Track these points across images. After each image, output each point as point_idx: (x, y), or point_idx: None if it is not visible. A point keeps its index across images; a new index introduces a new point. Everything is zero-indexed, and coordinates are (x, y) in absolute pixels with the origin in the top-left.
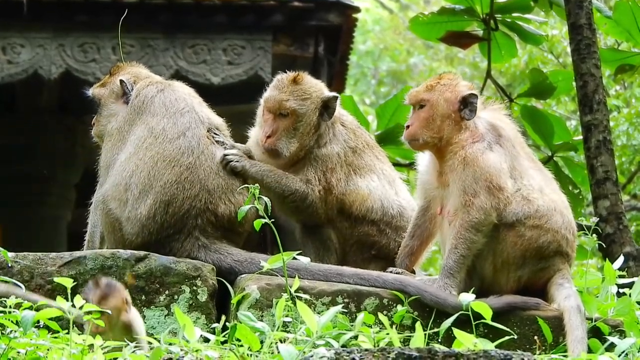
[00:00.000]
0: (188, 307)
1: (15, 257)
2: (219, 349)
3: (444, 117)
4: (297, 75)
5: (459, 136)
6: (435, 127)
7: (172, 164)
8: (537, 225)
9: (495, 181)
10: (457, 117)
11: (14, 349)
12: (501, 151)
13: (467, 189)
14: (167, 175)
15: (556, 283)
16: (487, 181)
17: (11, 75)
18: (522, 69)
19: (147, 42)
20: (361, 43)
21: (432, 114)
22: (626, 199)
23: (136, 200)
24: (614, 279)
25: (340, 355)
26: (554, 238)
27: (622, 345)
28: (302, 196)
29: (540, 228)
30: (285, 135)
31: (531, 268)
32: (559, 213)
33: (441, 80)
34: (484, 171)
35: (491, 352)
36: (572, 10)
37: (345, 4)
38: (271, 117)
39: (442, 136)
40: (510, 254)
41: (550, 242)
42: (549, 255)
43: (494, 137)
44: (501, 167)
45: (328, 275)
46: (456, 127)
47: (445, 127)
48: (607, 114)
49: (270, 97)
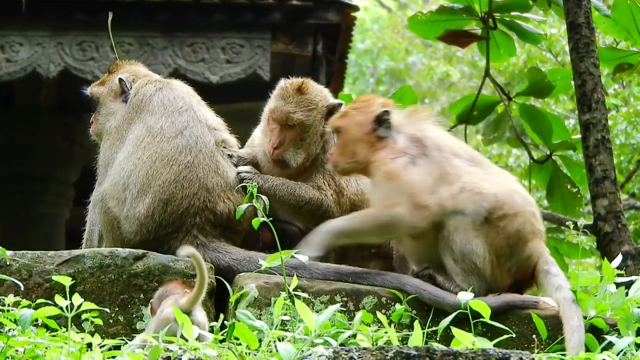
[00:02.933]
0: None
1: (14, 255)
2: (218, 347)
3: (356, 141)
4: (302, 84)
5: (377, 155)
6: (349, 152)
7: (171, 163)
8: (505, 214)
9: (418, 198)
10: (371, 137)
11: (13, 348)
12: (427, 163)
13: (390, 197)
14: (166, 174)
15: (543, 271)
16: (411, 196)
17: (10, 74)
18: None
19: (146, 40)
20: (360, 42)
21: (346, 139)
22: (625, 197)
23: (134, 199)
24: (612, 278)
25: (339, 354)
26: (525, 218)
27: (620, 344)
28: (317, 203)
29: (509, 215)
30: (293, 145)
31: (517, 258)
32: (515, 192)
33: (354, 105)
34: (407, 186)
35: (489, 351)
36: (570, 9)
37: (344, 2)
38: (278, 128)
39: (359, 159)
40: (498, 247)
41: (524, 223)
42: (529, 238)
43: (417, 149)
44: (425, 181)
45: (326, 274)
46: (372, 147)
47: (359, 150)
48: (605, 112)
49: (277, 109)
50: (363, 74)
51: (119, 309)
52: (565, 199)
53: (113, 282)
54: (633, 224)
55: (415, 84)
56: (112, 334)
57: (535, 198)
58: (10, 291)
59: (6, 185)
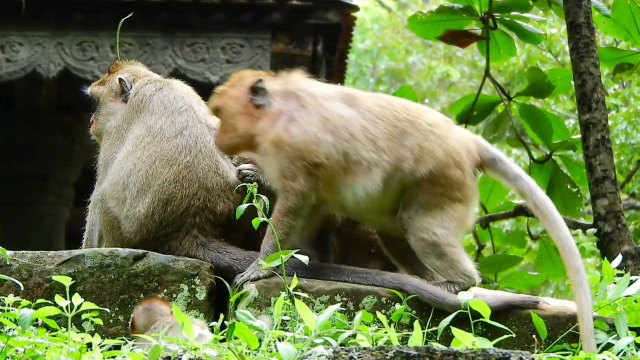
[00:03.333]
0: (186, 306)
1: (14, 255)
2: (218, 347)
3: (235, 115)
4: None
5: (258, 126)
6: (230, 128)
7: (170, 163)
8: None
9: (309, 158)
10: (250, 108)
11: (13, 348)
12: (305, 114)
13: (285, 172)
14: (165, 174)
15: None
16: (302, 160)
17: (10, 74)
18: (521, 67)
19: (146, 40)
20: (360, 42)
21: (225, 116)
22: (625, 197)
23: (134, 198)
24: (612, 278)
25: (339, 354)
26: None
27: (620, 344)
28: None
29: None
30: None
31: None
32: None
33: (229, 82)
34: (295, 149)
35: (489, 351)
36: (570, 9)
37: (344, 2)
38: None
39: (241, 133)
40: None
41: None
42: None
43: (293, 104)
44: (310, 136)
45: (326, 274)
46: (252, 118)
47: (240, 123)
48: (605, 112)
49: None
50: (363, 74)
51: (119, 309)
52: (565, 199)
53: (113, 282)
54: (633, 224)
55: (415, 84)
56: (112, 334)
57: None
58: (10, 291)
59: (6, 185)
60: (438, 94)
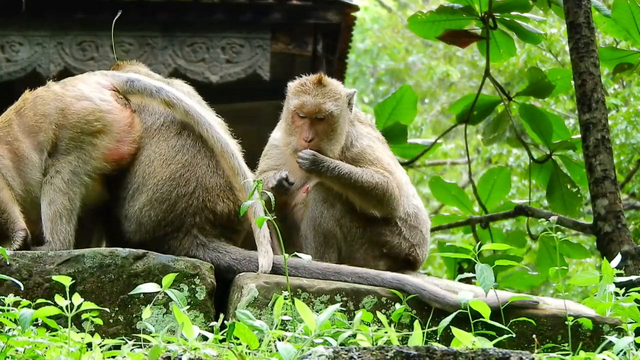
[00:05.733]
0: (187, 306)
1: (14, 255)
2: (218, 347)
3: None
4: (321, 77)
5: None
6: None
7: (168, 162)
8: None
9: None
10: None
11: (13, 347)
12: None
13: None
14: (162, 173)
15: None
16: None
17: (10, 74)
18: (521, 67)
19: (146, 40)
20: (360, 41)
21: None
22: (625, 197)
23: (132, 198)
24: (612, 278)
25: (339, 354)
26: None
27: (620, 344)
28: (384, 187)
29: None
30: (326, 137)
31: None
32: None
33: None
34: None
35: (489, 351)
36: (570, 8)
37: (344, 2)
38: (307, 122)
39: None
40: None
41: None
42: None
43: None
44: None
45: (326, 274)
46: None
47: None
48: (605, 112)
49: (304, 103)
50: (363, 73)
51: (119, 309)
52: (565, 199)
53: (113, 282)
54: (633, 224)
55: (415, 83)
56: (112, 334)
57: (535, 198)
58: (10, 291)
59: None
60: (438, 94)
